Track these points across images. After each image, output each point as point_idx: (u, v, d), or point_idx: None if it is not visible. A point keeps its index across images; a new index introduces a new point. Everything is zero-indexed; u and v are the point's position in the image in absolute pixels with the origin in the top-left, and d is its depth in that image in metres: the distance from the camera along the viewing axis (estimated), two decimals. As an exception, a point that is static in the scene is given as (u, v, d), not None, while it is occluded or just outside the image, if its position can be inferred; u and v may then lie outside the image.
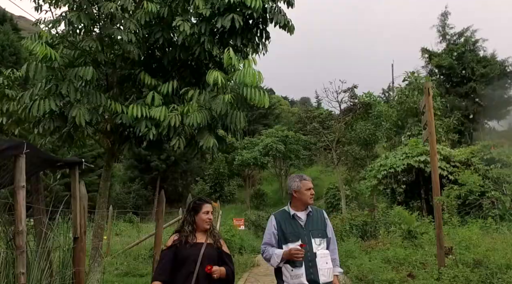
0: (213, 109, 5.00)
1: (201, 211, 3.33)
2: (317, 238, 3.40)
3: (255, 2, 5.19)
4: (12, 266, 2.92)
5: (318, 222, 3.50)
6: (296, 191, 3.52)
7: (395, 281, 6.46)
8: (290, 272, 3.30)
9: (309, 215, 3.50)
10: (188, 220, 3.37)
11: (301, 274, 3.26)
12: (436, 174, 6.71)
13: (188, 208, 3.50)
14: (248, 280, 9.31)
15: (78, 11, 4.94)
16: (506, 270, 5.67)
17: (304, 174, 3.80)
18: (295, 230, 3.40)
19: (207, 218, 3.33)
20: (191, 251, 3.21)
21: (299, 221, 3.45)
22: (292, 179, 3.63)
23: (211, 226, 3.39)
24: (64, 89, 4.86)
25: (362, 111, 21.71)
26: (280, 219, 3.50)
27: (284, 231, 3.41)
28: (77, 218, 3.78)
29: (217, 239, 3.39)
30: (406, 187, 14.31)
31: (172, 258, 3.21)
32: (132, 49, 5.34)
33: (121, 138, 5.80)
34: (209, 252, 3.25)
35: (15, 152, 2.82)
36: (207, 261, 3.19)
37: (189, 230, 3.31)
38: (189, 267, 3.15)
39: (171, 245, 3.28)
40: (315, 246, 3.35)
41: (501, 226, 8.79)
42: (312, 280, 3.26)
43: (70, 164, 3.81)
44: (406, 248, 8.47)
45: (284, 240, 3.38)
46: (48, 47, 4.66)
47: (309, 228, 3.42)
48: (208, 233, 3.36)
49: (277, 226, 3.47)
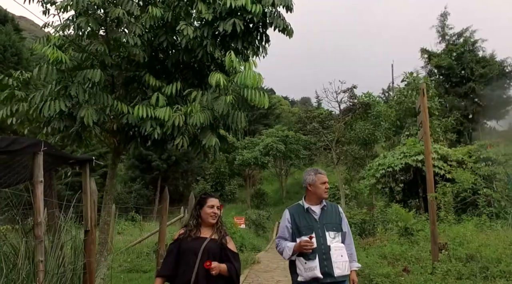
0: (215, 110, 5.24)
1: (205, 205, 3.33)
2: (331, 231, 3.38)
3: (255, 7, 5.43)
4: (31, 255, 3.15)
5: (332, 216, 3.48)
6: (311, 185, 3.52)
7: (391, 275, 6.68)
8: (304, 265, 3.28)
9: (324, 209, 3.49)
10: (193, 214, 3.38)
11: (315, 267, 3.22)
12: (431, 172, 6.94)
13: (194, 203, 3.49)
14: (249, 276, 9.54)
15: (87, 16, 5.16)
16: (496, 264, 5.90)
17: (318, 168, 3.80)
18: (309, 223, 3.39)
19: (212, 212, 3.30)
20: (193, 244, 3.17)
21: (313, 215, 3.45)
22: (307, 172, 3.64)
23: (218, 222, 3.35)
24: (73, 90, 5.10)
25: (361, 111, 21.95)
26: (294, 213, 3.50)
27: (298, 225, 3.41)
28: (88, 212, 4.01)
29: (223, 235, 3.30)
30: (404, 185, 14.54)
31: (176, 252, 3.20)
32: (137, 52, 5.58)
33: (126, 137, 6.03)
34: (210, 247, 3.18)
35: (34, 149, 3.06)
36: (208, 255, 3.13)
37: (193, 224, 3.30)
38: (189, 261, 3.11)
39: (176, 239, 3.30)
40: (329, 239, 3.33)
41: (495, 224, 9.01)
42: (326, 273, 3.22)
43: (81, 161, 4.04)
44: (402, 244, 8.70)
45: (298, 233, 3.38)
46: (58, 51, 4.89)
47: (323, 222, 3.40)
48: (215, 229, 3.31)
49: (291, 220, 3.47)
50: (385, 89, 45.10)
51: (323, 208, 3.48)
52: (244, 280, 8.99)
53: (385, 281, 6.54)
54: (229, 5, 5.38)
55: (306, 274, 3.26)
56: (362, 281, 7.05)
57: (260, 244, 17.58)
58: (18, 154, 2.95)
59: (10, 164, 3.18)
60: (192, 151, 6.09)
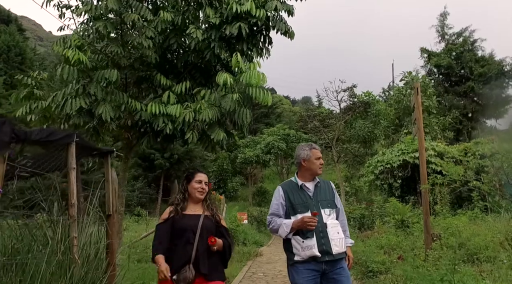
0: (223, 107, 5.68)
1: (193, 180, 3.27)
2: (327, 208, 3.30)
3: (259, 11, 5.86)
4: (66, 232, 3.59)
5: (326, 193, 3.40)
6: (305, 160, 3.40)
7: (386, 262, 7.12)
8: (301, 243, 3.18)
9: (317, 186, 3.40)
10: (180, 189, 3.32)
11: (313, 245, 3.13)
12: (424, 165, 7.36)
13: (182, 179, 3.42)
14: (252, 267, 9.99)
15: (104, 20, 5.60)
16: (484, 250, 6.33)
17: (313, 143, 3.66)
18: (303, 200, 3.29)
19: (200, 187, 3.24)
20: (189, 221, 3.11)
21: (307, 192, 3.35)
22: (301, 147, 3.50)
23: (207, 198, 3.32)
24: (92, 89, 5.54)
25: (361, 110, 22.36)
26: (287, 190, 3.39)
27: (292, 202, 3.30)
28: (109, 198, 4.46)
29: (215, 213, 3.29)
30: (402, 182, 14.96)
31: (169, 230, 3.11)
32: (150, 53, 6.01)
33: (139, 132, 6.47)
34: (207, 224, 3.15)
35: (68, 140, 3.50)
36: (206, 232, 3.10)
37: (180, 198, 3.24)
38: (188, 238, 3.06)
39: (167, 218, 3.19)
40: (325, 216, 3.25)
41: (487, 216, 9.43)
42: (324, 251, 3.14)
43: (103, 152, 4.49)
44: (398, 235, 9.13)
45: (293, 211, 3.28)
46: (80, 53, 5.33)
47: (318, 199, 3.32)
48: (205, 206, 3.28)
49: (284, 197, 3.35)
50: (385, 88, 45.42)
51: (316, 184, 3.40)
52: (248, 270, 9.44)
53: (380, 267, 6.98)
54: (235, 9, 5.80)
55: (303, 253, 3.16)
56: (359, 268, 7.49)
57: (262, 240, 18.02)
58: (54, 144, 3.40)
59: (46, 154, 3.63)
60: (200, 146, 6.52)
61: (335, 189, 3.56)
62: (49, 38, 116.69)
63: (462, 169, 6.35)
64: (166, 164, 36.90)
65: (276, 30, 6.27)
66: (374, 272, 6.93)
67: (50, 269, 2.93)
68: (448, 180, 6.12)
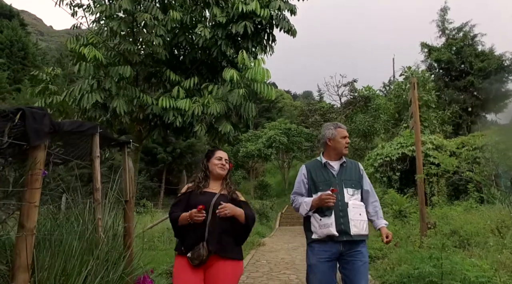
0: (230, 101, 6.04)
1: (213, 157, 3.24)
2: (350, 188, 3.19)
3: (263, 11, 6.21)
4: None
5: (352, 173, 3.28)
6: (330, 139, 3.32)
7: (383, 248, 7.51)
8: (319, 221, 3.11)
9: (343, 166, 3.30)
10: (200, 167, 3.29)
11: (331, 224, 3.05)
12: (420, 157, 7.72)
13: (202, 158, 3.39)
14: (256, 255, 10.39)
15: (119, 20, 5.95)
16: (474, 237, 6.71)
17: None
18: (326, 178, 3.21)
19: (220, 163, 3.21)
20: (202, 198, 3.05)
21: (331, 170, 3.26)
22: (326, 127, 3.43)
23: (227, 177, 3.27)
24: (108, 84, 5.91)
25: (361, 104, 22.68)
26: (311, 168, 3.33)
27: (314, 180, 3.24)
28: (127, 185, 4.84)
29: (233, 190, 3.22)
30: (401, 174, 15.31)
31: (185, 204, 3.08)
32: (160, 51, 6.37)
33: (150, 125, 6.84)
34: (222, 201, 3.03)
35: (93, 131, 3.87)
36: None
37: (201, 177, 3.21)
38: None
39: (184, 192, 3.20)
40: (347, 196, 3.15)
41: (482, 207, 9.81)
42: (342, 230, 3.04)
43: (121, 143, 4.86)
44: (396, 225, 9.51)
45: (315, 189, 3.22)
46: (95, 50, 5.68)
47: (342, 178, 3.22)
48: (224, 185, 3.22)
49: (307, 175, 3.31)
50: (386, 83, 45.67)
51: (342, 164, 3.29)
52: (251, 258, 9.84)
53: (378, 253, 7.37)
54: (240, 9, 6.16)
55: (320, 231, 3.09)
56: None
57: (264, 232, 18.43)
58: (82, 135, 3.77)
59: (72, 143, 4.00)
60: (208, 138, 6.88)
61: (364, 171, 3.41)
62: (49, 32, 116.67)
63: (455, 161, 6.70)
64: (168, 158, 37.33)
65: (279, 29, 6.62)
66: (372, 258, 7.32)
67: (82, 245, 3.30)
68: (442, 171, 6.47)
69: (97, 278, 3.30)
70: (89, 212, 3.83)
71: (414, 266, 4.37)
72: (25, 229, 2.71)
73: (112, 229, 4.34)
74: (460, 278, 3.87)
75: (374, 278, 6.28)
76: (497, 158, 6.68)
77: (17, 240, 2.70)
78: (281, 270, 8.12)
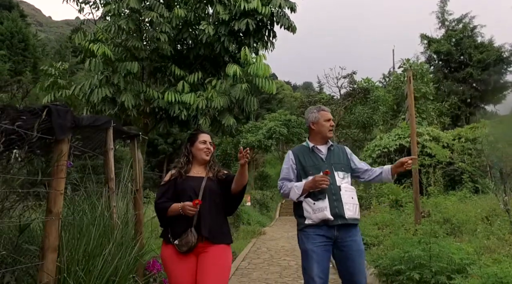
0: (232, 95, 6.33)
1: (197, 141, 3.11)
2: (340, 171, 3.14)
3: (265, 9, 6.47)
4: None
5: (340, 157, 3.25)
6: (314, 123, 3.26)
7: (379, 236, 7.85)
8: (312, 205, 3.03)
9: (330, 149, 3.25)
10: (183, 152, 3.16)
11: (325, 207, 2.99)
12: (415, 147, 8.01)
13: (185, 142, 3.24)
14: (257, 243, 10.77)
15: (126, 18, 6.21)
16: (465, 224, 7.04)
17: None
18: (315, 163, 3.15)
19: (205, 147, 3.07)
20: (191, 183, 2.96)
21: (319, 154, 3.21)
22: (309, 110, 3.36)
23: (211, 160, 3.13)
24: (116, 79, 6.19)
25: (361, 96, 22.93)
26: (298, 153, 3.27)
27: (303, 165, 3.17)
28: (137, 175, 5.15)
29: (218, 170, 3.12)
30: (399, 165, 15.65)
31: (172, 191, 3.00)
32: (165, 47, 6.64)
33: (156, 118, 7.14)
34: (210, 185, 2.99)
35: (108, 125, 4.17)
36: (209, 194, 2.95)
37: (184, 162, 3.08)
38: (190, 200, 2.85)
39: (168, 180, 3.07)
40: (339, 179, 3.10)
41: (475, 197, 10.15)
42: (337, 214, 2.99)
43: (131, 136, 5.17)
44: (392, 214, 9.85)
45: (304, 173, 3.14)
46: (105, 47, 5.96)
47: (331, 162, 3.17)
48: (208, 168, 3.10)
49: (295, 160, 3.23)
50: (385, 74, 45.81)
51: (329, 147, 3.26)
52: (253, 246, 10.21)
53: (374, 240, 7.71)
54: (243, 7, 6.43)
55: (315, 216, 3.01)
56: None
57: (265, 221, 18.83)
58: (97, 129, 4.07)
59: (88, 137, 4.31)
60: (214, 131, 7.19)
61: (352, 154, 3.39)
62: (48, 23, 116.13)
63: (449, 152, 7.01)
64: (169, 149, 37.62)
65: (280, 25, 6.88)
66: (368, 245, 7.66)
67: (100, 229, 3.62)
68: (435, 162, 6.79)
69: (114, 260, 3.63)
70: (104, 200, 4.15)
71: (405, 250, 4.69)
72: (53, 214, 3.02)
73: (125, 216, 4.67)
74: (447, 260, 4.19)
75: (369, 262, 6.62)
76: (487, 150, 6.98)
77: (45, 224, 3.01)
78: (281, 257, 8.49)
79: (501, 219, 6.53)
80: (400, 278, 4.38)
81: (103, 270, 3.33)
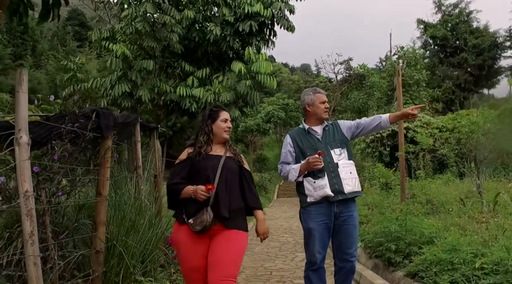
0: (238, 90, 7.09)
1: (219, 119, 2.95)
2: (336, 148, 3.28)
3: (266, 11, 7.18)
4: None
5: (335, 134, 3.37)
6: (309, 105, 3.38)
7: (368, 215, 8.74)
8: (313, 184, 3.19)
9: (325, 130, 3.38)
10: (204, 130, 2.94)
11: (325, 185, 3.14)
12: (402, 135, 8.83)
13: (203, 118, 3.03)
14: (256, 223, 11.66)
15: (143, 21, 6.89)
16: (445, 205, 7.91)
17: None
18: (312, 144, 3.30)
19: (226, 126, 2.95)
20: (209, 162, 2.82)
21: (315, 135, 3.35)
22: (305, 92, 3.47)
23: (229, 139, 3.03)
24: (134, 76, 6.93)
25: (356, 82, 23.64)
26: (295, 136, 3.42)
27: (300, 147, 3.32)
28: (156, 162, 5.96)
29: (237, 153, 3.04)
30: (391, 150, 16.50)
31: (187, 171, 2.85)
32: (177, 45, 7.35)
33: (168, 110, 7.90)
34: (229, 164, 2.87)
35: (136, 121, 4.95)
36: (227, 172, 2.82)
37: (204, 140, 2.90)
38: (207, 178, 2.75)
39: (186, 158, 2.90)
40: (336, 156, 3.24)
41: (459, 180, 11.02)
42: (337, 190, 3.15)
43: (151, 128, 5.95)
44: (381, 196, 10.73)
45: (302, 155, 3.29)
46: (124, 48, 6.67)
47: (327, 141, 3.31)
48: (227, 146, 2.98)
49: (293, 144, 3.38)
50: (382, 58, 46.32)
51: (324, 128, 3.40)
52: (253, 225, 11.07)
53: (363, 219, 8.59)
54: (246, 10, 7.13)
55: (316, 193, 3.18)
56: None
57: (264, 203, 19.77)
58: (128, 124, 4.86)
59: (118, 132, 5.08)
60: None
61: (343, 124, 3.49)
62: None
63: (431, 140, 7.81)
64: (169, 132, 38.20)
65: (279, 26, 7.59)
66: (359, 223, 8.55)
67: (135, 209, 4.43)
68: (419, 149, 7.59)
69: (147, 232, 4.44)
70: (133, 184, 4.95)
71: (385, 226, 5.54)
72: (102, 196, 3.83)
73: (150, 196, 5.49)
74: (419, 234, 5.05)
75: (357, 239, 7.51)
76: (464, 139, 7.80)
77: (96, 204, 3.81)
78: (280, 234, 9.39)
79: (474, 200, 7.38)
80: (380, 248, 5.25)
81: (141, 240, 4.15)
